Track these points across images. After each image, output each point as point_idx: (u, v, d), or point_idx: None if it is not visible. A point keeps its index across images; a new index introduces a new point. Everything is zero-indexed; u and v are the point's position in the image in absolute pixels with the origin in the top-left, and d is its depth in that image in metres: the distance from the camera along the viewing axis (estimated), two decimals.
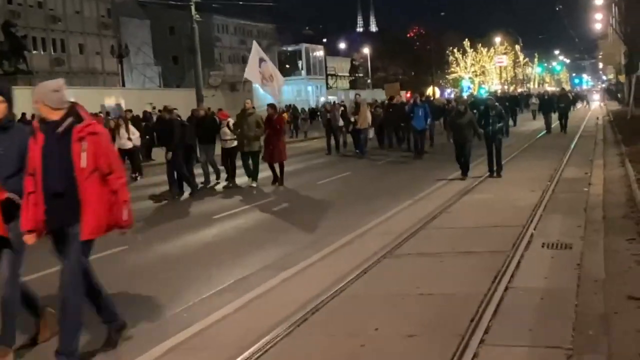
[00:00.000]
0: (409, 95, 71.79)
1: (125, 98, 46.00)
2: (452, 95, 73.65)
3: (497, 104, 17.31)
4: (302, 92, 66.22)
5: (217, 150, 19.29)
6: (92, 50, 63.15)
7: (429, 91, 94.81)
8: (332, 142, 28.11)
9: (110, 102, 46.20)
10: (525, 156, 21.54)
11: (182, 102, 43.99)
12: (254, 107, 18.28)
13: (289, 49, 70.79)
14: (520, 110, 53.20)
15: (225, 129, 18.91)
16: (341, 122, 27.74)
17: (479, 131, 16.57)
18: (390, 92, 36.33)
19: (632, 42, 41.16)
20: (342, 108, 31.24)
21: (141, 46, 68.51)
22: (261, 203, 15.35)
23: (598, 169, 16.19)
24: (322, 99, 66.50)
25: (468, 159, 17.03)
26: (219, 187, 18.66)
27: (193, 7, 39.88)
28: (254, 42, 20.01)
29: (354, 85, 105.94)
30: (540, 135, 30.18)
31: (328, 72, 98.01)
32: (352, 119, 25.96)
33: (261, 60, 19.20)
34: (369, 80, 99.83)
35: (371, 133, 27.96)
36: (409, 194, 14.51)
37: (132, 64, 66.60)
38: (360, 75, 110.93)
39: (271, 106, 18.58)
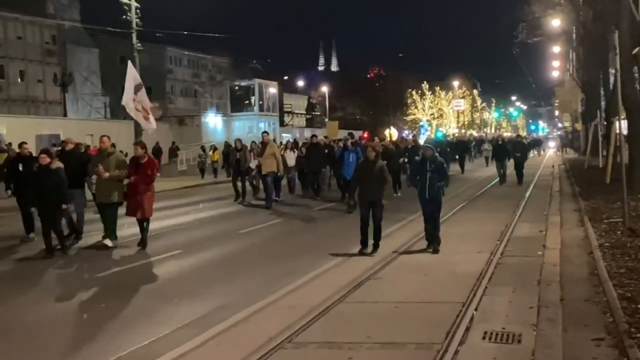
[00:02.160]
0: (366, 135, 70.77)
1: (63, 128, 43.37)
2: (410, 137, 72.27)
3: (437, 155, 12.50)
4: (254, 128, 64.02)
5: None
6: (34, 77, 60.32)
7: (387, 132, 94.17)
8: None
9: (47, 131, 43.60)
10: (475, 207, 19.65)
11: (124, 135, 41.86)
12: (113, 145, 14.45)
13: (242, 83, 68.70)
14: (470, 157, 51.47)
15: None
16: (254, 164, 22.55)
17: (389, 180, 12.69)
18: (329, 131, 33.16)
19: (589, 89, 40.09)
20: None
21: (89, 76, 66.01)
22: (151, 260, 12.99)
23: (554, 228, 14.24)
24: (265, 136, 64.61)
25: (378, 226, 12.37)
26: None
27: (134, 36, 37.92)
28: (129, 63, 16.99)
29: (310, 123, 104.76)
30: (492, 183, 28.02)
31: (285, 110, 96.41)
32: (255, 162, 21.90)
33: (138, 86, 16.67)
34: (326, 119, 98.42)
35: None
36: (337, 250, 12.42)
37: (78, 93, 64.03)
38: (318, 113, 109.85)
39: (140, 144, 14.00)
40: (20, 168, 14.86)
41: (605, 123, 30.14)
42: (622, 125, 16.09)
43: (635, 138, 19.44)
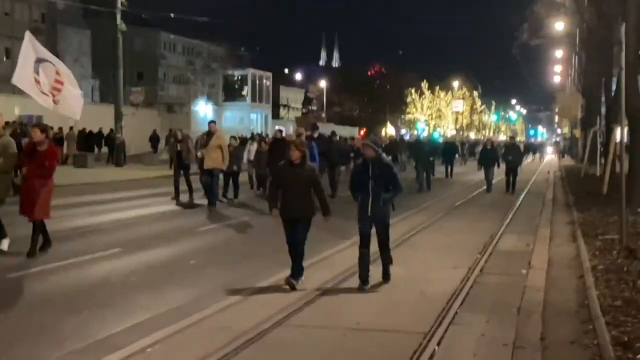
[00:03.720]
0: (362, 133, 69.11)
1: (42, 109, 41.74)
2: (408, 136, 70.92)
3: (383, 155, 9.40)
4: (245, 119, 62.56)
5: None
6: None
7: (383, 130, 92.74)
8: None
9: (29, 112, 42.01)
10: (460, 215, 18.17)
11: (104, 119, 40.34)
12: (5, 124, 11.98)
13: (236, 73, 67.08)
14: (463, 160, 49.81)
15: None
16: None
17: (323, 193, 9.34)
18: (300, 126, 27.38)
19: (590, 94, 38.60)
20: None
21: (79, 57, 64.48)
22: (65, 263, 11.52)
23: (542, 242, 12.71)
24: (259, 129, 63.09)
25: (299, 251, 9.09)
26: None
27: (118, 16, 36.35)
28: (27, 33, 13.03)
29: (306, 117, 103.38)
30: (483, 188, 25.68)
31: (280, 102, 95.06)
32: (199, 154, 18.61)
33: (39, 60, 12.82)
34: (323, 114, 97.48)
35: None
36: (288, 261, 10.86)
37: None
38: (314, 108, 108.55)
39: (40, 127, 11.24)
40: None
41: (605, 130, 28.63)
42: (623, 133, 14.68)
43: (636, 147, 17.97)
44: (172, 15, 43.66)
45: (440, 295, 8.66)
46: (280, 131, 22.85)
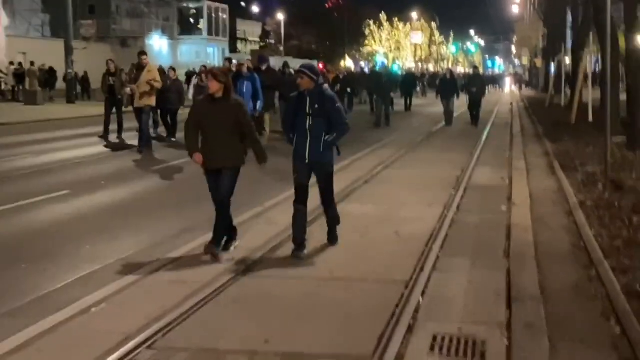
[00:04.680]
0: (321, 66, 67.62)
1: None
2: (367, 69, 69.62)
3: (324, 87, 7.33)
4: (202, 53, 60.60)
5: None
6: None
7: (342, 63, 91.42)
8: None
9: None
10: (427, 146, 17.50)
11: (60, 54, 38.45)
12: None
13: (191, 5, 64.63)
14: (423, 92, 48.94)
15: None
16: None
17: (254, 135, 7.43)
18: (254, 59, 23.19)
19: (552, 22, 37.86)
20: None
21: None
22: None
23: (520, 176, 11.97)
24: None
25: (223, 212, 7.27)
26: None
27: None
28: None
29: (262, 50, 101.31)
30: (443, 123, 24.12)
31: (238, 36, 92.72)
32: (127, 90, 16.50)
33: None
34: (281, 48, 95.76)
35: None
36: (259, 199, 9.99)
37: (16, 9, 59.57)
38: (272, 41, 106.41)
39: None
40: None
41: (572, 58, 27.94)
42: (591, 60, 13.98)
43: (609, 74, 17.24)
44: None
45: (417, 237, 7.91)
46: (230, 60, 20.79)
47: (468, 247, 7.52)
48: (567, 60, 31.97)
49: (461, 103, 25.02)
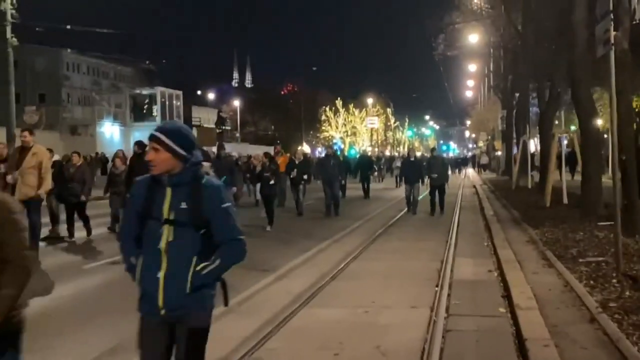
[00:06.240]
0: (276, 150, 66.56)
1: None
2: (324, 154, 68.62)
3: (205, 172, 4.02)
4: None
5: None
6: None
7: (299, 149, 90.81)
8: None
9: None
10: (397, 234, 15.95)
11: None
12: None
13: (143, 92, 63.34)
14: (379, 177, 45.95)
15: None
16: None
17: None
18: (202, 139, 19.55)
19: (513, 103, 37.31)
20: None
21: None
22: None
23: (512, 269, 10.20)
24: None
25: None
26: None
27: (9, 29, 32.88)
28: None
29: (219, 137, 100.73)
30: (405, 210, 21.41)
31: (193, 122, 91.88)
32: (9, 179, 12.16)
33: None
34: (237, 134, 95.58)
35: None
36: None
37: None
38: (228, 128, 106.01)
39: None
40: None
41: (540, 139, 26.96)
42: (562, 141, 12.74)
43: (590, 154, 16.11)
44: (68, 27, 39.87)
45: (406, 354, 6.25)
46: (140, 144, 15.14)
47: None
48: (532, 141, 31.16)
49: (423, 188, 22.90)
